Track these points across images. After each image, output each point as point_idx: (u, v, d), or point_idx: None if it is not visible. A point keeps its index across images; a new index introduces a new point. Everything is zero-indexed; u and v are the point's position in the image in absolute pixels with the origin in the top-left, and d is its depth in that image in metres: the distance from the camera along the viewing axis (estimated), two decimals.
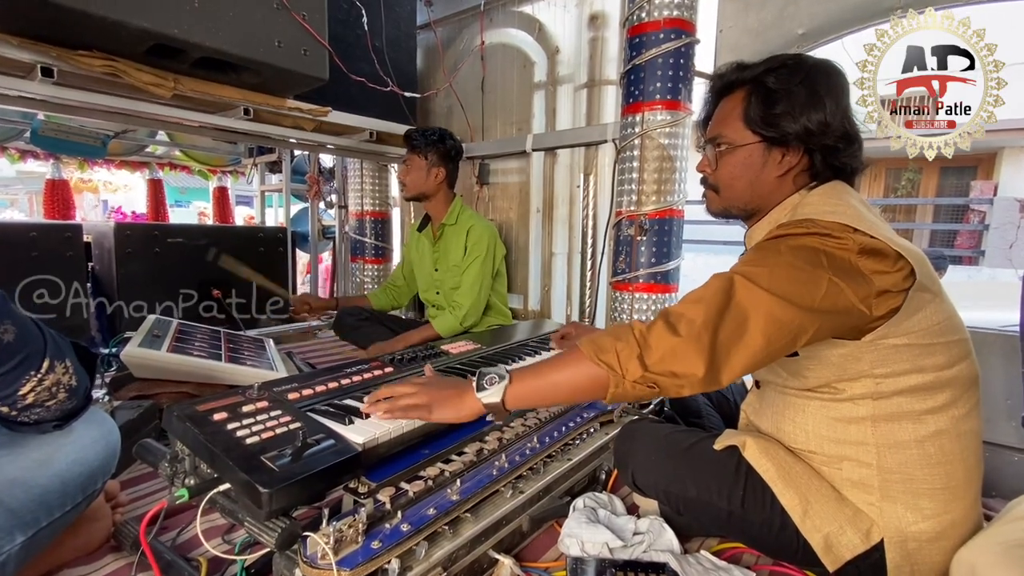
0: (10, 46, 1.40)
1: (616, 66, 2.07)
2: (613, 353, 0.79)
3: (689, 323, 0.76)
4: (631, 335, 0.79)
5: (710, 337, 0.74)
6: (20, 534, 0.75)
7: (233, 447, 0.77)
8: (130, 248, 2.38)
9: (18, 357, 0.68)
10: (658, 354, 0.76)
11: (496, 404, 0.86)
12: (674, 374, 0.76)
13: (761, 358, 0.76)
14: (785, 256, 0.78)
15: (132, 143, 3.99)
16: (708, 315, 0.76)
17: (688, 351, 0.75)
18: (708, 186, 1.00)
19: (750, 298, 0.76)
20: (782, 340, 0.75)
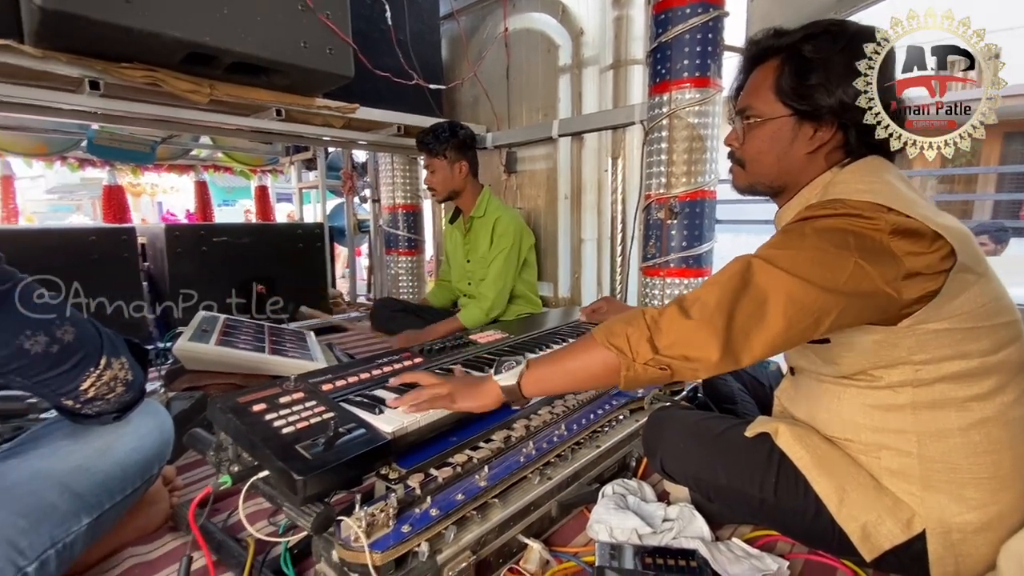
0: (59, 63, 1.50)
1: (642, 45, 2.02)
2: (623, 337, 0.79)
3: (702, 306, 0.75)
4: (642, 319, 0.79)
5: (724, 320, 0.73)
6: (86, 516, 0.82)
7: (270, 436, 0.81)
8: (179, 248, 2.52)
9: (78, 355, 0.73)
10: (669, 338, 0.76)
11: (512, 387, 0.89)
12: (686, 357, 0.75)
13: (782, 341, 0.74)
14: (810, 239, 0.75)
15: (178, 147, 4.20)
16: (723, 297, 0.74)
17: (700, 334, 0.74)
18: (735, 160, 0.97)
19: (769, 280, 0.74)
20: (803, 322, 0.73)
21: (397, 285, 3.03)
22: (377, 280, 3.55)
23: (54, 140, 3.66)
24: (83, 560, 0.90)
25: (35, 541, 0.74)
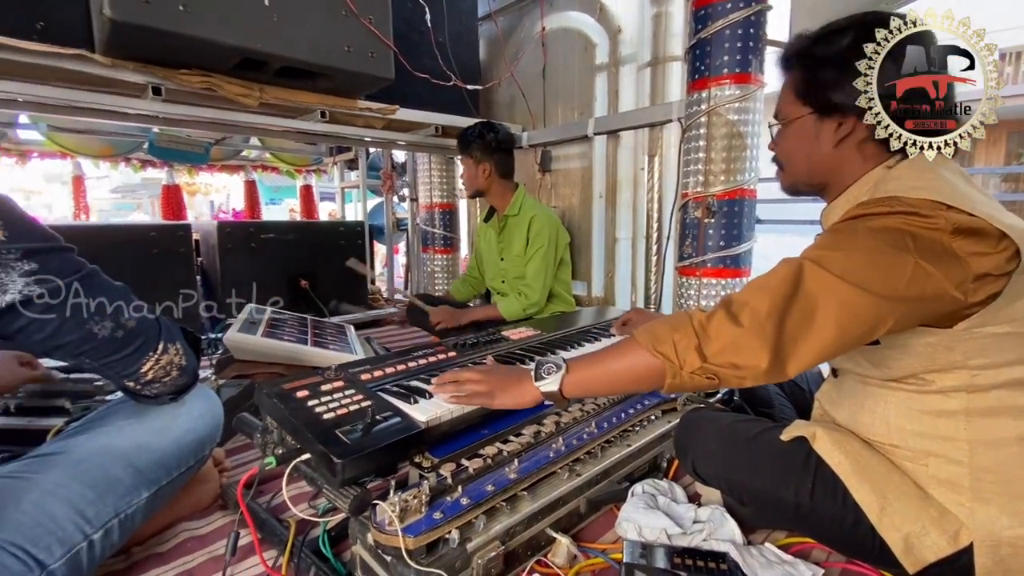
0: (126, 70, 1.61)
1: (681, 42, 1.99)
2: (670, 344, 0.77)
3: (752, 312, 0.73)
4: (689, 325, 0.77)
5: (775, 327, 0.71)
6: (145, 490, 0.88)
7: (312, 421, 0.86)
8: (230, 244, 2.66)
9: (139, 341, 0.80)
10: (718, 345, 0.74)
11: (554, 393, 0.89)
12: (735, 366, 0.73)
13: (833, 349, 0.72)
14: (863, 239, 0.72)
15: (230, 148, 4.42)
16: (773, 304, 0.72)
17: (751, 341, 0.71)
18: (776, 163, 0.97)
19: (821, 286, 0.71)
20: (858, 330, 0.70)
21: (433, 282, 3.10)
22: (414, 277, 3.63)
23: (119, 142, 3.93)
24: (141, 532, 0.98)
25: (101, 511, 0.81)
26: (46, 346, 0.71)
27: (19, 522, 0.72)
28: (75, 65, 1.54)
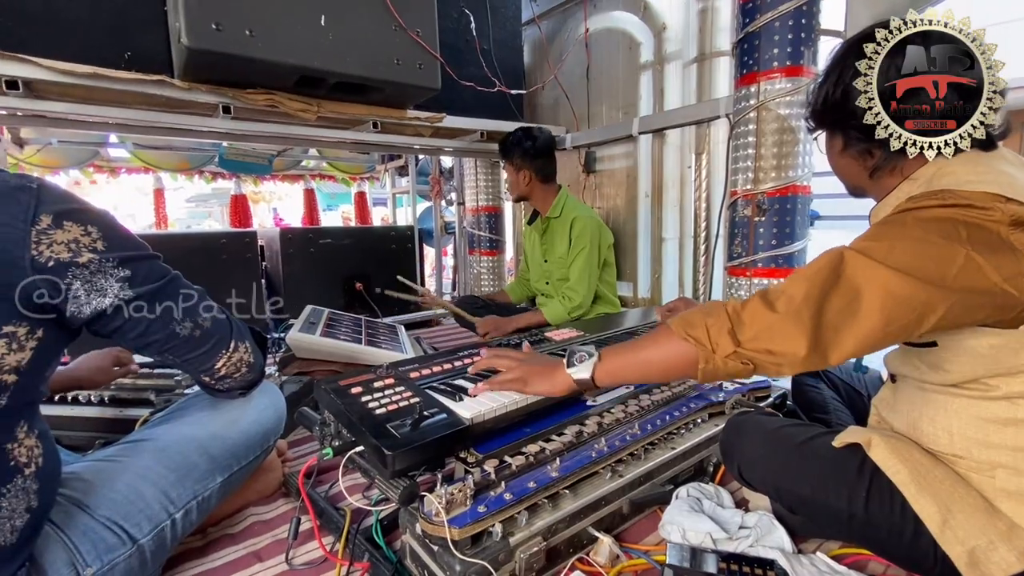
0: (200, 92, 1.76)
1: (728, 36, 1.93)
2: (703, 328, 0.77)
3: (788, 299, 0.72)
4: (723, 310, 0.77)
5: (812, 314, 0.69)
6: (219, 476, 0.97)
7: (365, 416, 0.91)
8: (291, 249, 2.83)
9: (213, 339, 0.88)
10: (752, 330, 0.73)
11: (586, 380, 0.90)
12: (770, 352, 0.72)
13: (879, 338, 0.69)
14: (911, 229, 0.70)
15: (290, 159, 4.70)
16: (810, 290, 0.70)
17: (787, 328, 0.70)
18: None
19: (863, 272, 0.69)
20: (904, 319, 0.67)
21: (479, 283, 3.16)
22: (461, 279, 3.71)
23: (194, 157, 4.27)
24: (215, 514, 1.07)
25: (182, 493, 0.90)
26: (137, 343, 0.80)
27: (114, 501, 0.82)
28: (157, 89, 1.70)
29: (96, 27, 1.61)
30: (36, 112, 1.67)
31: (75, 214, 0.67)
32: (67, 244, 0.66)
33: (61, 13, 1.56)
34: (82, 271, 0.67)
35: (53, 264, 0.65)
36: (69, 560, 0.74)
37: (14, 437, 0.67)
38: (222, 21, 1.51)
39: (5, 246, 0.61)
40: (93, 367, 1.17)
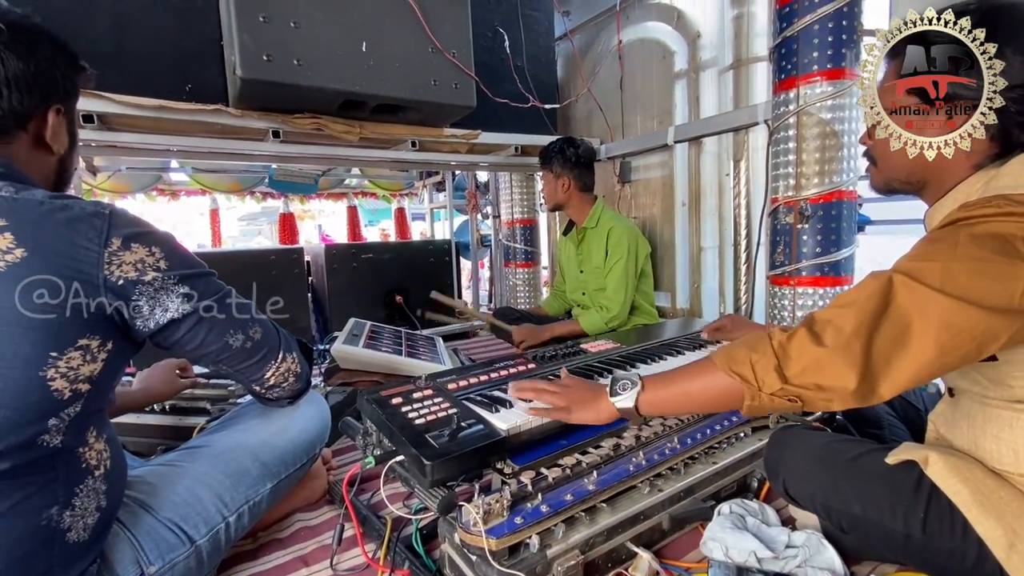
0: (252, 119, 1.88)
1: (765, 41, 1.90)
2: (747, 364, 0.75)
3: (837, 331, 0.69)
4: (768, 345, 0.74)
5: (862, 347, 0.67)
6: (269, 482, 1.01)
7: (405, 426, 0.94)
8: (336, 264, 2.94)
9: (264, 350, 0.93)
10: (800, 365, 0.71)
11: (629, 410, 0.89)
12: (819, 387, 0.70)
13: (933, 370, 0.66)
14: (965, 248, 0.65)
15: (335, 179, 4.91)
16: (860, 321, 0.67)
17: (836, 362, 0.68)
18: (868, 159, 0.90)
19: (915, 300, 0.66)
20: (962, 349, 0.64)
21: (515, 295, 3.18)
22: (497, 291, 3.75)
23: (245, 178, 4.52)
24: (265, 519, 1.11)
25: (235, 497, 0.94)
26: (195, 355, 0.85)
27: (175, 503, 0.87)
28: (214, 118, 1.82)
29: (161, 63, 1.75)
30: (109, 143, 1.83)
31: (141, 237, 0.73)
32: (134, 264, 0.72)
33: (130, 52, 1.71)
34: (147, 288, 0.73)
35: (122, 283, 0.71)
36: (135, 558, 0.79)
37: (85, 441, 0.73)
38: (272, 52, 1.62)
39: (82, 267, 0.67)
40: (164, 380, 1.24)
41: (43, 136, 0.79)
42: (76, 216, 0.68)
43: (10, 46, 0.72)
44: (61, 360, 0.65)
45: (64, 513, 0.68)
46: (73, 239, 0.67)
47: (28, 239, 0.64)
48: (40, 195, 0.68)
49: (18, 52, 0.72)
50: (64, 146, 0.83)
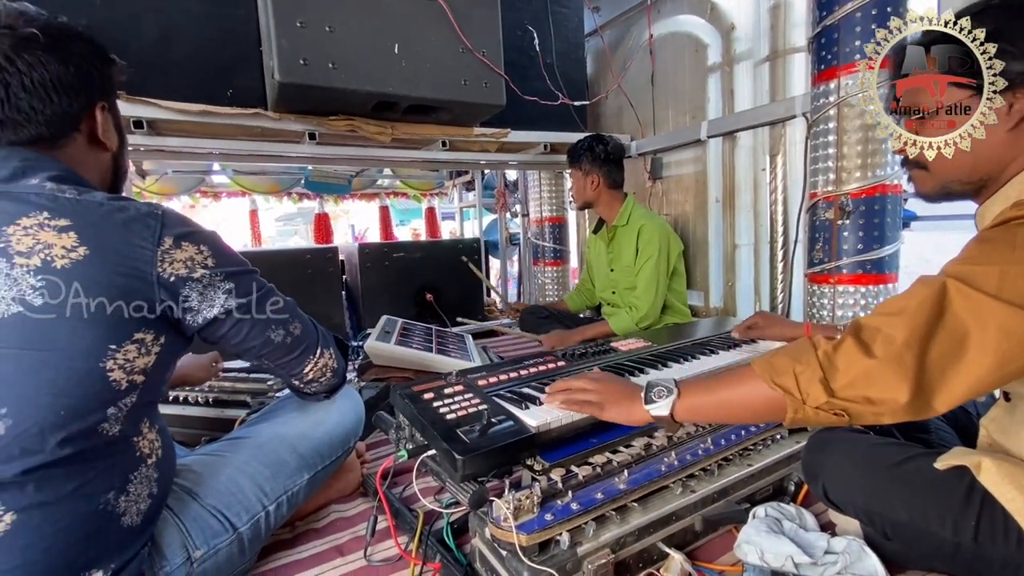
0: (290, 121, 1.94)
1: (804, 31, 1.83)
2: (791, 376, 0.72)
3: (887, 341, 0.66)
4: (813, 355, 0.71)
5: (915, 358, 0.64)
6: (306, 473, 1.05)
7: (437, 420, 0.96)
8: (368, 263, 3.00)
9: (303, 346, 0.96)
10: (847, 378, 0.68)
11: (664, 418, 0.87)
12: (869, 400, 0.67)
13: (992, 381, 0.64)
14: (1023, 250, 0.62)
15: (367, 179, 5.01)
16: (912, 331, 0.64)
17: (886, 374, 0.65)
18: (912, 165, 0.83)
19: (971, 308, 0.63)
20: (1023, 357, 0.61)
21: (544, 293, 3.18)
22: (526, 289, 3.75)
23: (283, 180, 4.67)
24: (302, 510, 1.15)
25: (275, 487, 0.98)
26: (238, 349, 0.89)
27: (218, 491, 0.91)
28: (254, 121, 1.89)
29: (203, 70, 1.83)
30: (157, 147, 1.92)
31: (191, 236, 0.77)
32: (184, 262, 0.75)
33: (176, 60, 1.79)
34: (196, 285, 0.77)
35: (174, 279, 0.74)
36: (182, 542, 0.83)
37: (140, 431, 0.77)
38: (308, 57, 1.66)
39: (138, 264, 0.71)
40: (197, 365, 1.32)
41: (96, 135, 0.82)
42: (132, 216, 0.72)
43: (49, 50, 0.73)
44: (119, 352, 0.69)
45: (119, 498, 0.72)
46: (129, 238, 0.71)
47: (90, 238, 0.68)
48: (100, 197, 0.72)
49: (57, 55, 0.74)
50: (115, 142, 0.86)
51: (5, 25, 0.70)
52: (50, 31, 0.73)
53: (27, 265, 0.64)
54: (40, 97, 0.73)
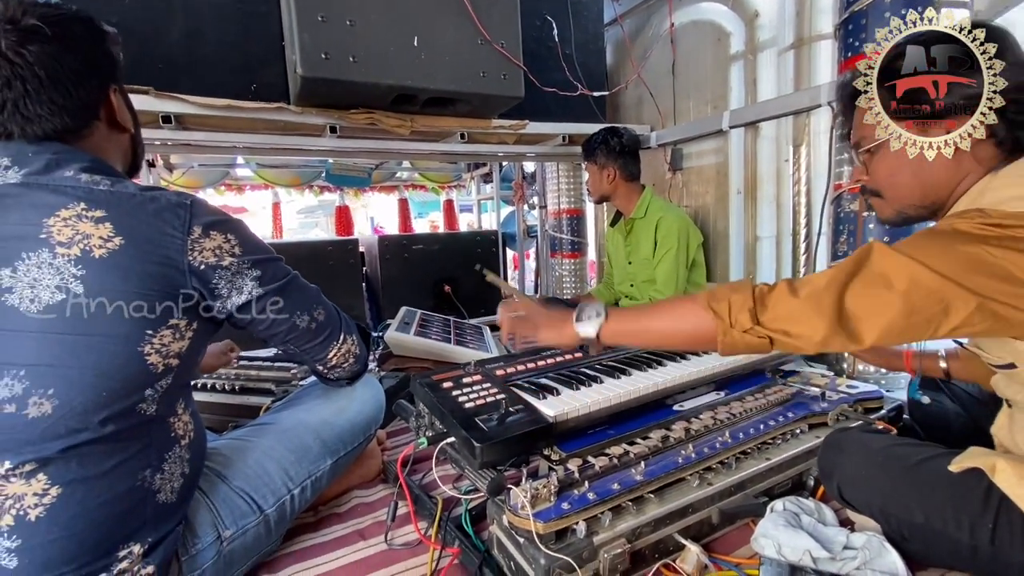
0: (311, 115, 1.97)
1: (830, 17, 1.78)
2: (726, 302, 0.80)
3: (811, 285, 0.75)
4: (749, 289, 0.80)
5: (833, 299, 0.72)
6: (329, 459, 1.08)
7: (456, 409, 0.97)
8: (388, 255, 3.04)
9: (327, 332, 0.98)
10: (772, 313, 0.77)
11: (590, 337, 0.94)
12: (787, 332, 0.76)
13: (902, 325, 0.69)
14: (942, 238, 0.70)
15: (387, 172, 5.05)
16: (834, 278, 0.73)
17: (806, 312, 0.74)
18: (870, 193, 0.89)
19: (888, 261, 0.70)
20: (928, 309, 0.68)
21: (561, 286, 3.17)
22: (543, 281, 3.75)
23: (304, 173, 4.74)
24: (325, 494, 1.18)
25: (299, 471, 1.01)
26: (266, 334, 0.91)
27: (246, 474, 0.94)
28: (277, 115, 1.92)
29: (228, 65, 1.87)
30: (184, 141, 1.97)
31: (219, 224, 0.79)
32: (213, 250, 0.78)
33: (201, 57, 1.83)
34: (225, 272, 0.79)
35: (204, 267, 0.77)
36: (212, 522, 0.87)
37: (175, 412, 0.81)
38: (330, 51, 1.68)
39: (169, 253, 0.74)
40: (211, 353, 1.38)
41: (115, 119, 0.83)
42: (162, 206, 0.74)
43: (55, 41, 0.72)
44: (155, 337, 0.72)
45: (155, 476, 0.76)
46: (161, 227, 0.73)
47: (124, 228, 0.70)
48: (132, 187, 0.75)
49: (64, 45, 0.74)
50: (130, 122, 0.87)
51: (7, 19, 0.70)
52: (50, 20, 0.72)
53: (68, 255, 0.67)
54: (59, 90, 0.74)
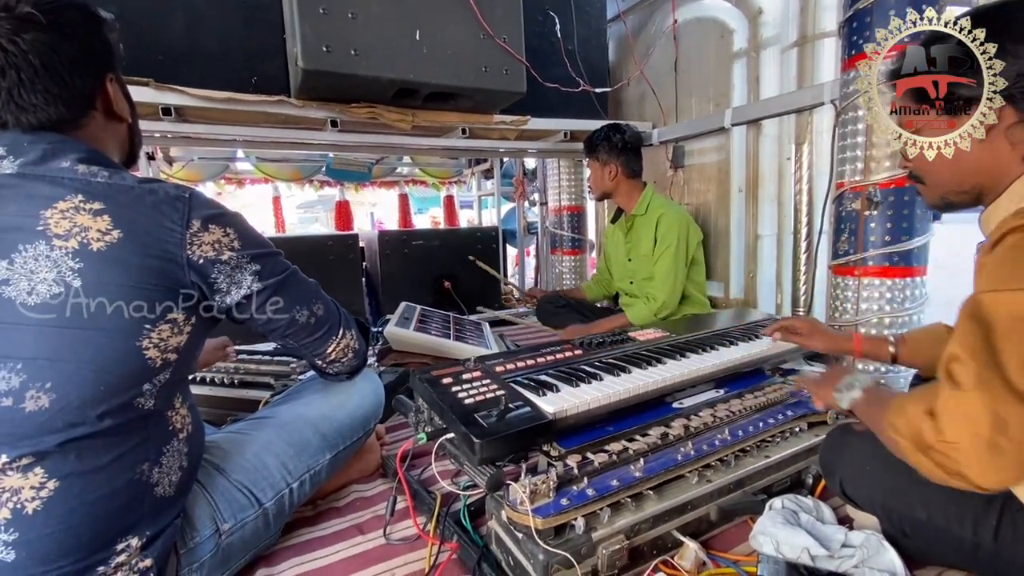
0: (312, 108, 1.96)
1: (834, 15, 1.77)
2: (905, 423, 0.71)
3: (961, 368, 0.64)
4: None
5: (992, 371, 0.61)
6: (328, 453, 1.08)
7: (456, 405, 0.97)
8: (388, 250, 3.03)
9: (326, 326, 0.98)
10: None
11: (842, 409, 0.91)
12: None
13: None
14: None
15: (387, 167, 5.05)
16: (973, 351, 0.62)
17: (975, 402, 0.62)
18: (915, 180, 0.86)
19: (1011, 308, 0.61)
20: None
21: (561, 282, 3.17)
22: (543, 278, 3.74)
23: (305, 167, 4.72)
24: (324, 489, 1.18)
25: (298, 465, 1.01)
26: (265, 328, 0.91)
27: (244, 468, 0.94)
28: (277, 108, 1.91)
29: (229, 58, 1.86)
30: (184, 134, 1.96)
31: (218, 218, 0.79)
32: (212, 244, 0.77)
33: (203, 49, 1.82)
34: (224, 266, 0.79)
35: (202, 261, 0.76)
36: (211, 515, 0.87)
37: (172, 406, 0.81)
38: (331, 43, 1.68)
39: (168, 247, 0.73)
40: (209, 348, 1.33)
41: (112, 109, 0.82)
42: (161, 199, 0.74)
43: (50, 30, 0.71)
44: (154, 332, 0.72)
45: (153, 469, 0.76)
46: (160, 220, 0.73)
47: (122, 221, 0.70)
48: (130, 179, 0.74)
49: (59, 33, 0.72)
50: (127, 111, 0.85)
51: (2, 7, 0.69)
52: (45, 7, 0.71)
53: (65, 248, 0.67)
54: (54, 79, 0.72)
